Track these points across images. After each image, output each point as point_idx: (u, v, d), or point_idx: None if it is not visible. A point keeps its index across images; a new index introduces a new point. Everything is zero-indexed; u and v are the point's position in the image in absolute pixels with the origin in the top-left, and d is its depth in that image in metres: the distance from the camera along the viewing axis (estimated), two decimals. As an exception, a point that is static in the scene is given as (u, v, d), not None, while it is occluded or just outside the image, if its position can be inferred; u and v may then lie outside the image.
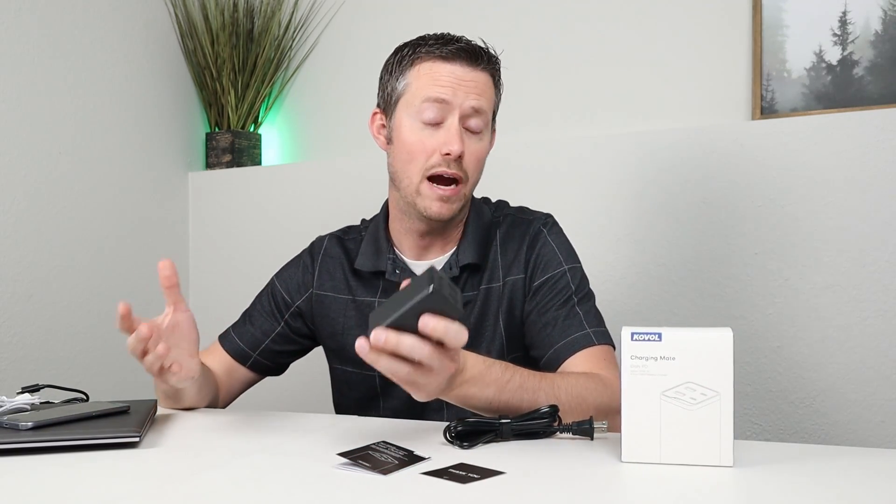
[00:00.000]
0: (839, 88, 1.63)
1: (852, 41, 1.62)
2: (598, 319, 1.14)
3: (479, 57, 1.11)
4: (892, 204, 1.51)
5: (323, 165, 2.10)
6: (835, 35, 1.63)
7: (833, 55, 1.63)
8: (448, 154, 1.08)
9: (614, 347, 1.12)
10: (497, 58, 1.15)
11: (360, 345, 0.79)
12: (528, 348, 1.18)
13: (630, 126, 1.81)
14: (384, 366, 0.80)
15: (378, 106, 1.20)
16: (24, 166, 1.76)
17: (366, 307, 1.20)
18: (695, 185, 1.67)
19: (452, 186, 1.11)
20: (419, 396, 0.86)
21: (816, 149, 1.57)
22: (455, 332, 0.80)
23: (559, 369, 1.09)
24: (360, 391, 1.23)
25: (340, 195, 2.03)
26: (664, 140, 1.70)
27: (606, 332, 1.13)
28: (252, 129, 2.25)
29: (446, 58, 1.10)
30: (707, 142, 1.66)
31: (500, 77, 1.17)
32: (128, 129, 2.03)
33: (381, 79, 1.19)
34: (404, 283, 0.81)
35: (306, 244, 1.31)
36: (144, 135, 2.08)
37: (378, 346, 0.78)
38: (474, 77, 1.11)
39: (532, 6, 1.93)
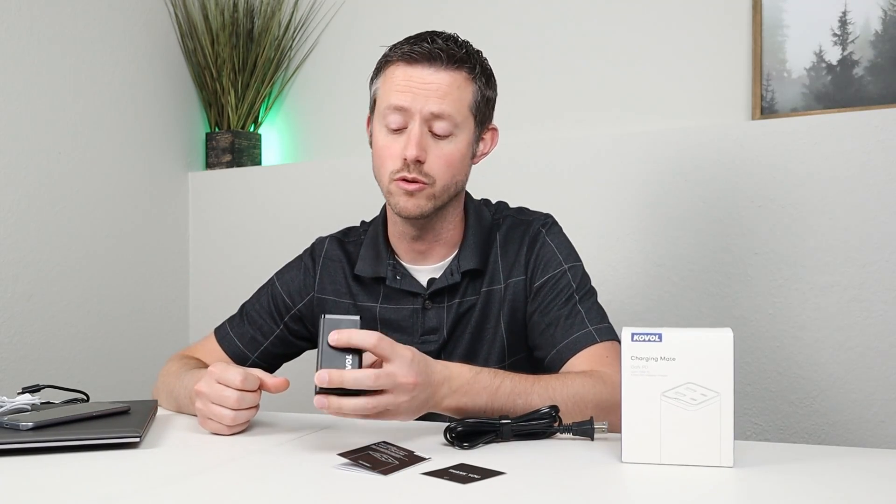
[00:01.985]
0: (839, 88, 1.63)
1: (852, 41, 1.62)
2: (600, 316, 1.13)
3: (437, 58, 1.08)
4: (892, 204, 1.51)
5: (323, 165, 2.10)
6: (835, 35, 1.63)
7: (833, 55, 1.63)
8: (405, 159, 1.08)
9: (620, 342, 1.12)
10: (466, 55, 1.11)
11: (319, 403, 0.83)
12: (532, 350, 1.17)
13: (630, 126, 1.81)
14: (347, 408, 0.84)
15: (370, 110, 1.20)
16: (24, 166, 1.76)
17: (366, 312, 1.20)
18: (695, 185, 1.67)
19: (415, 184, 1.10)
20: (403, 418, 0.89)
21: (816, 149, 1.57)
22: (360, 338, 0.84)
23: (563, 369, 1.08)
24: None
25: (340, 195, 2.03)
26: (664, 140, 1.70)
27: (610, 327, 1.12)
28: (252, 129, 2.25)
29: (408, 61, 1.09)
30: (707, 142, 1.66)
31: (479, 73, 1.12)
32: (128, 129, 2.03)
33: None
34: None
35: (306, 244, 1.30)
36: (144, 135, 2.08)
37: (325, 385, 0.83)
38: (437, 79, 1.08)
39: (532, 6, 1.93)
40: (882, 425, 1.51)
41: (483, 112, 1.16)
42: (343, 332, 0.84)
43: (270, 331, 1.25)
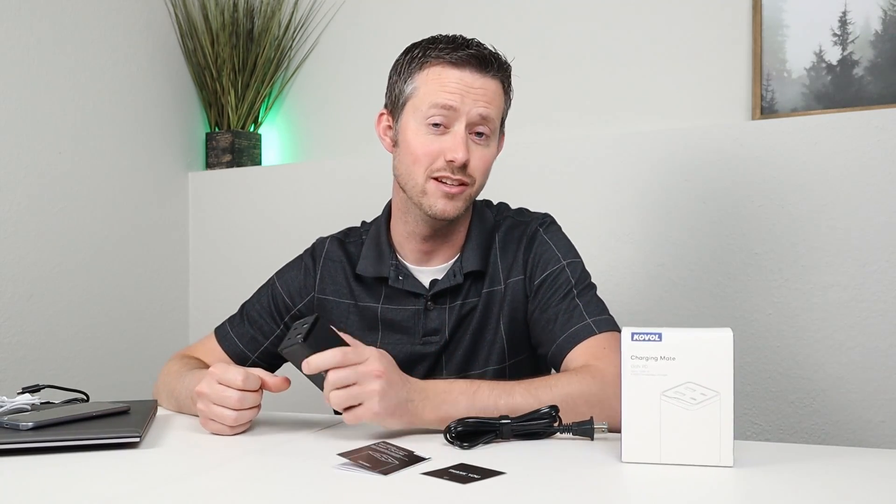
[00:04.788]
0: (839, 88, 1.63)
1: (852, 41, 1.62)
2: (599, 308, 1.13)
3: (489, 64, 1.10)
4: (892, 204, 1.51)
5: (323, 165, 2.10)
6: (835, 35, 1.63)
7: (833, 55, 1.63)
8: (452, 161, 1.08)
9: (620, 331, 1.11)
10: (508, 64, 1.15)
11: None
12: (535, 347, 1.17)
13: (630, 126, 1.81)
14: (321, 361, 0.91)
15: (385, 107, 1.19)
16: (24, 166, 1.76)
17: (368, 312, 1.19)
18: (695, 185, 1.67)
19: (458, 186, 1.11)
20: (377, 417, 0.91)
21: (816, 149, 1.57)
22: (325, 361, 0.90)
23: (563, 362, 1.08)
24: None
25: (340, 196, 2.03)
26: (664, 140, 1.70)
27: (609, 318, 1.12)
28: (252, 129, 2.25)
29: (456, 63, 1.09)
30: (707, 142, 1.66)
31: (510, 83, 1.16)
32: (128, 129, 2.03)
33: (389, 79, 1.17)
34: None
35: (306, 245, 1.30)
36: (144, 135, 2.08)
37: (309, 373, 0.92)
38: (483, 84, 1.10)
39: (532, 6, 1.93)
40: (882, 425, 1.51)
41: (504, 121, 1.20)
42: (311, 361, 0.90)
43: (271, 331, 1.25)
